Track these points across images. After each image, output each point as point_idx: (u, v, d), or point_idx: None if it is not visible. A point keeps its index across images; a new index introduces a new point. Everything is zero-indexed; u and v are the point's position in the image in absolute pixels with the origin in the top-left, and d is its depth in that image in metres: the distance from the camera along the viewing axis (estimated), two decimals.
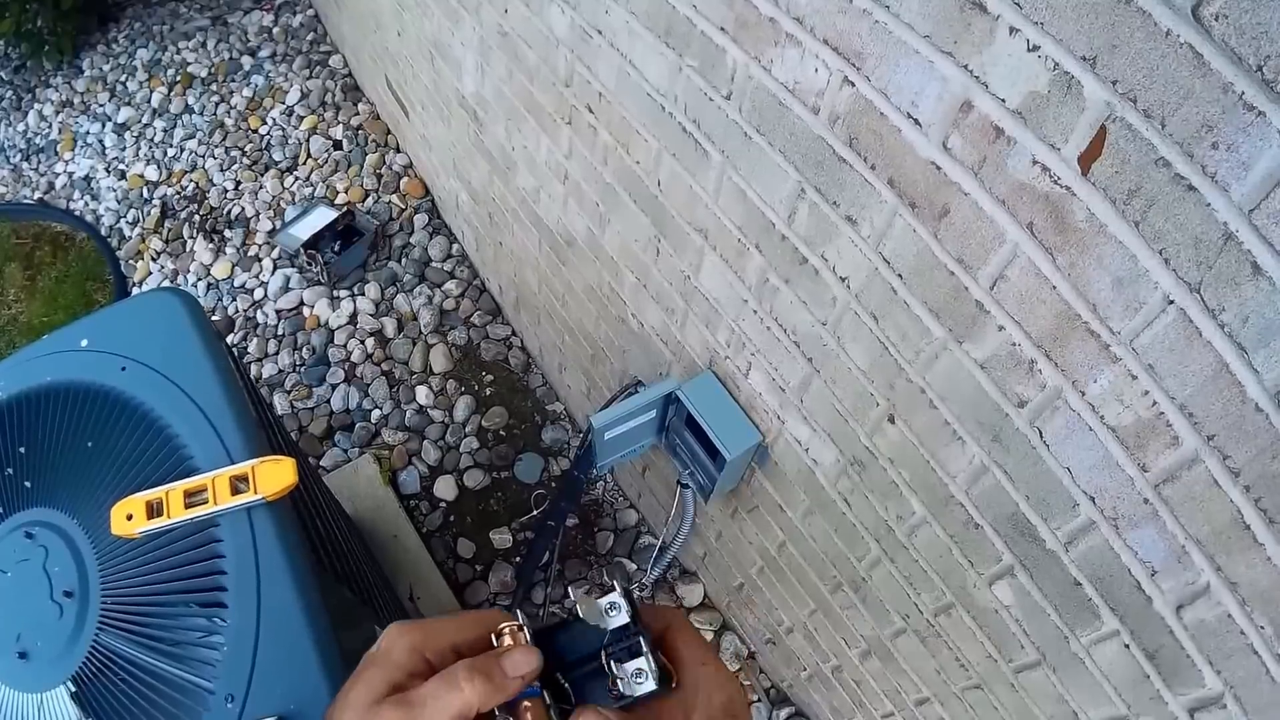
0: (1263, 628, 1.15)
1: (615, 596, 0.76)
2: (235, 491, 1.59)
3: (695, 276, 2.10)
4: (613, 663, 0.73)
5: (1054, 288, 1.19)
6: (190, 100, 5.31)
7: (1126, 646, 1.39)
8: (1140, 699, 1.42)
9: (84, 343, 1.82)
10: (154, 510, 1.57)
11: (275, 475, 1.62)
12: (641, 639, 0.74)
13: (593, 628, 0.74)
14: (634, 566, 3.55)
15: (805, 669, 2.83)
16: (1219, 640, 1.22)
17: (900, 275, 1.46)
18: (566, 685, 0.74)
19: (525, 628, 0.73)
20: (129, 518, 1.56)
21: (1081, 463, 1.30)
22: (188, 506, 1.58)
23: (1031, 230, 1.18)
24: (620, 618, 0.74)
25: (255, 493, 1.59)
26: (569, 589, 3.49)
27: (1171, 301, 1.05)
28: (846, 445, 1.86)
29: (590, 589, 3.43)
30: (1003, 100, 1.14)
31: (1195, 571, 1.20)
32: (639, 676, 0.73)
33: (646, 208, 2.18)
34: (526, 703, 0.70)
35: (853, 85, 1.36)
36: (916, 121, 1.28)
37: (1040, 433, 1.34)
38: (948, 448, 1.56)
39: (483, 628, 0.74)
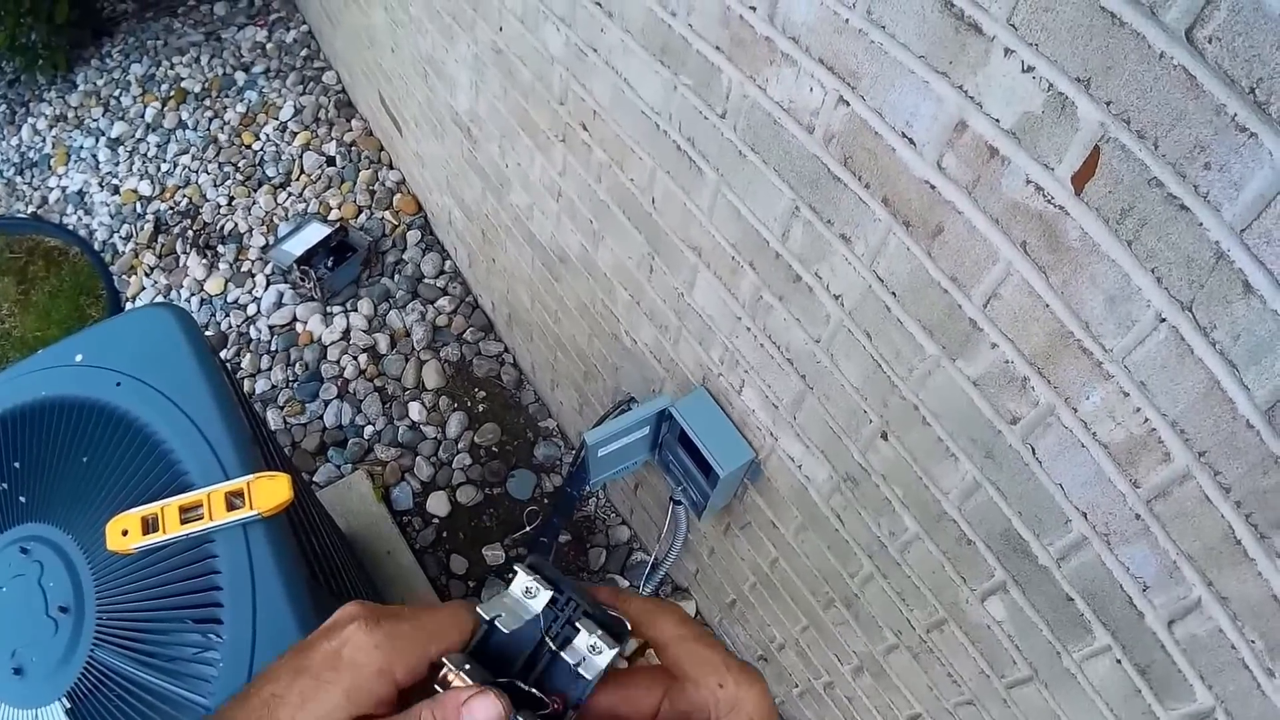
0: (1253, 642, 1.15)
1: (526, 579, 0.71)
2: (231, 507, 1.58)
3: (689, 294, 2.11)
4: (562, 648, 0.69)
5: (1047, 306, 1.20)
6: (184, 115, 5.31)
7: (1118, 662, 1.39)
8: (1132, 714, 1.43)
9: (79, 358, 1.82)
10: (149, 526, 1.56)
11: (271, 491, 1.61)
12: (575, 606, 0.70)
13: (524, 622, 0.69)
14: (626, 582, 3.56)
15: (797, 685, 2.83)
16: (1210, 655, 1.23)
17: (894, 293, 1.47)
18: (531, 690, 0.69)
19: (467, 663, 0.67)
20: (124, 533, 1.56)
21: (1073, 479, 1.30)
22: (183, 522, 1.56)
23: (1025, 249, 1.19)
24: (541, 598, 0.70)
25: (251, 509, 1.59)
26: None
27: (1163, 320, 1.06)
28: (840, 462, 1.86)
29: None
30: (997, 120, 1.15)
31: (1187, 587, 1.21)
32: (594, 650, 0.68)
33: (641, 225, 2.19)
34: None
35: (848, 105, 1.37)
36: (911, 141, 1.29)
37: (1033, 449, 1.35)
38: (940, 464, 1.57)
39: (456, 632, 0.69)
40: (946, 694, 1.95)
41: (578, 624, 0.69)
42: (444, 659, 0.66)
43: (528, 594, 0.70)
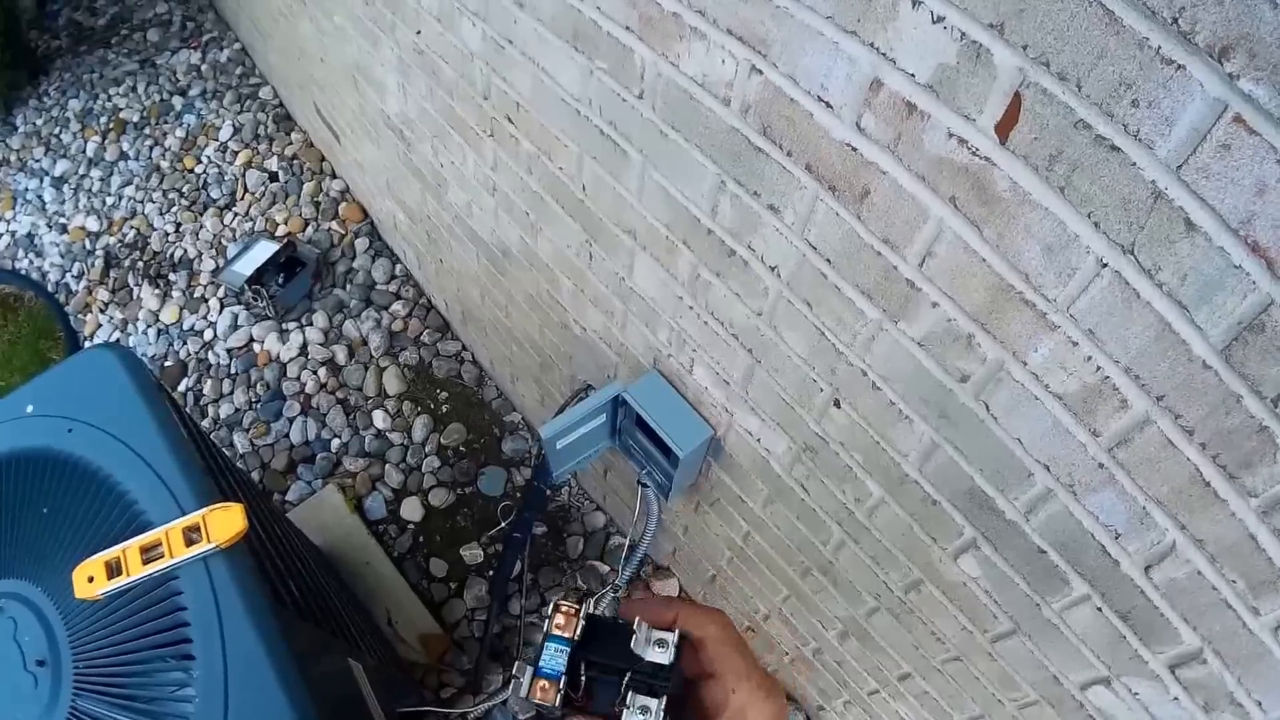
0: (1234, 582, 1.15)
1: (670, 636, 0.80)
2: (189, 543, 1.61)
3: (629, 277, 2.10)
4: (630, 689, 0.77)
5: (984, 260, 1.18)
6: (125, 146, 5.26)
7: (1099, 610, 1.39)
8: (1119, 659, 1.42)
9: (29, 409, 1.84)
10: (113, 570, 1.59)
11: (226, 522, 1.64)
12: (666, 685, 0.78)
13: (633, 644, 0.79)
14: (606, 568, 3.56)
15: (787, 653, 2.84)
16: (1192, 597, 1.22)
17: (829, 260, 1.46)
18: (584, 677, 0.79)
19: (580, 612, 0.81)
20: (90, 580, 1.59)
21: (1031, 432, 1.30)
22: (145, 562, 1.59)
23: (955, 204, 1.17)
24: (661, 656, 0.79)
25: (209, 541, 1.61)
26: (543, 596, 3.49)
27: (1105, 265, 1.04)
28: (797, 432, 1.86)
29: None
30: (912, 75, 1.13)
31: (1159, 531, 1.20)
32: (644, 713, 0.76)
33: (575, 213, 2.18)
34: (544, 682, 0.78)
35: (760, 73, 1.35)
36: (828, 104, 1.27)
37: (986, 406, 1.34)
38: (895, 427, 1.56)
39: None
40: (932, 652, 1.95)
41: (656, 694, 0.78)
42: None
43: (659, 644, 0.80)
